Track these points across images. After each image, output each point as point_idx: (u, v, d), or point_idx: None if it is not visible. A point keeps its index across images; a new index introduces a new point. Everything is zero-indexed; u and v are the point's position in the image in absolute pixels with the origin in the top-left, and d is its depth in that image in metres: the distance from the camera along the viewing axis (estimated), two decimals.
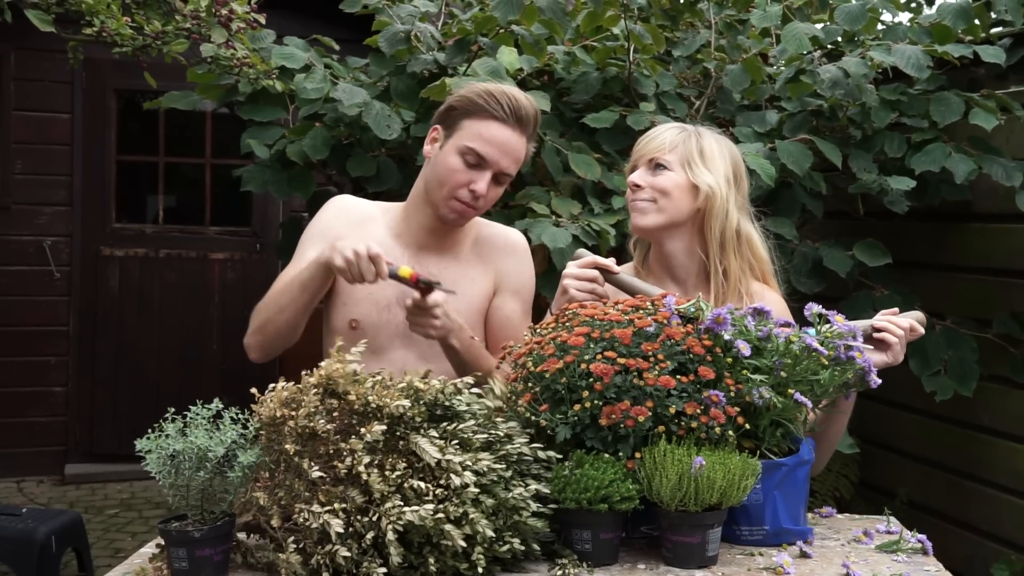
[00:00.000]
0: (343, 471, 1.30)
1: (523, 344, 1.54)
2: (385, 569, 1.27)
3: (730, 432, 1.42)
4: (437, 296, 1.75)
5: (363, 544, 1.28)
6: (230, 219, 5.56)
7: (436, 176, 1.89)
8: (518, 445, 1.40)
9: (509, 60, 2.91)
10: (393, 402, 1.33)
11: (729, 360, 1.46)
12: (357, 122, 2.91)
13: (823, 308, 1.58)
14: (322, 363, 1.39)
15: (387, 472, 1.29)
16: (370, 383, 1.37)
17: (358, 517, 1.28)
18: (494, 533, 1.30)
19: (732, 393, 1.44)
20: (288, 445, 1.32)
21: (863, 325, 1.67)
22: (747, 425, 1.45)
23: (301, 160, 2.96)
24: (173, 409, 1.38)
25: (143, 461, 1.33)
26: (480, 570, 1.29)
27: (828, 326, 1.55)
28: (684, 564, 1.39)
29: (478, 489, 1.30)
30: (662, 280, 1.90)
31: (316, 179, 3.13)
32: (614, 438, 1.41)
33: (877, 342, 1.69)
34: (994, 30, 3.26)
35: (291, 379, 1.41)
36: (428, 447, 1.31)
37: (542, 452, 1.41)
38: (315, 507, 1.28)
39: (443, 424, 1.37)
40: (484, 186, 1.86)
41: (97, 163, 5.29)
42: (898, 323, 1.70)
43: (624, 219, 2.64)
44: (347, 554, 1.26)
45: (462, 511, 1.28)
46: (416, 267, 1.86)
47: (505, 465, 1.36)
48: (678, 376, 1.42)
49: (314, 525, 1.27)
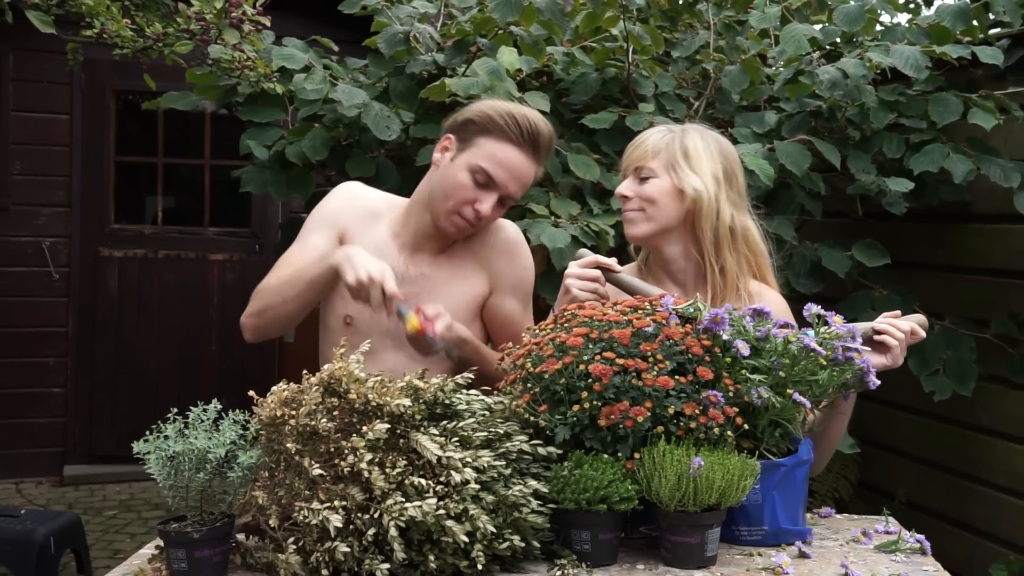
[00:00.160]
0: (344, 469, 1.30)
1: (522, 345, 1.55)
2: (388, 566, 1.27)
3: (729, 432, 1.42)
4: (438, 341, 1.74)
5: (364, 541, 1.28)
6: (229, 220, 5.56)
7: (443, 188, 1.88)
8: (518, 443, 1.40)
9: (508, 60, 2.91)
10: (394, 400, 1.33)
11: (728, 360, 1.46)
12: (356, 123, 2.91)
13: (822, 309, 1.58)
14: (325, 366, 1.39)
15: (388, 470, 1.30)
16: (371, 382, 1.37)
17: (359, 514, 1.28)
18: (495, 530, 1.30)
19: (731, 393, 1.44)
20: (289, 444, 1.32)
21: (864, 327, 1.67)
22: (746, 425, 1.45)
23: (300, 161, 2.96)
24: (175, 410, 1.38)
25: (142, 462, 1.34)
26: (480, 567, 1.29)
27: (827, 327, 1.56)
28: (683, 564, 1.39)
29: (478, 486, 1.30)
30: (663, 282, 1.90)
31: (315, 180, 3.13)
32: (613, 438, 1.41)
33: (877, 344, 1.69)
34: (992, 31, 3.26)
35: (290, 378, 1.42)
36: (429, 444, 1.31)
37: (542, 449, 1.41)
38: (315, 504, 1.28)
39: (443, 422, 1.38)
40: (489, 207, 1.85)
41: (96, 164, 5.29)
42: (899, 326, 1.70)
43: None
44: (346, 550, 1.26)
45: (462, 507, 1.29)
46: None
47: (505, 463, 1.36)
48: (677, 376, 1.42)
49: (313, 522, 1.28)
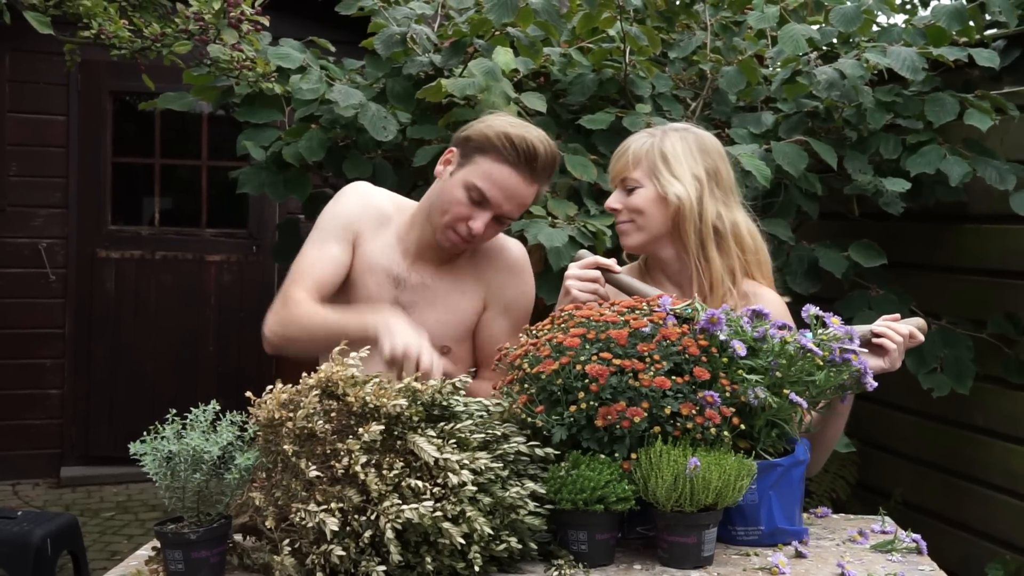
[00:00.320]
0: (340, 471, 1.30)
1: (519, 345, 1.55)
2: (384, 568, 1.27)
3: (725, 433, 1.42)
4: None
5: (360, 543, 1.28)
6: (226, 221, 5.55)
7: (440, 202, 1.90)
8: (515, 444, 1.40)
9: (505, 61, 2.91)
10: (391, 402, 1.33)
11: (725, 360, 1.47)
12: (353, 124, 2.91)
13: (819, 309, 1.58)
14: (322, 366, 1.39)
15: (384, 471, 1.30)
16: (369, 385, 1.37)
17: (355, 516, 1.28)
18: (492, 531, 1.30)
19: (727, 394, 1.44)
20: (286, 446, 1.32)
21: (862, 330, 1.67)
22: (742, 426, 1.45)
23: (297, 162, 2.96)
24: (174, 411, 1.38)
25: (139, 464, 1.33)
26: (477, 569, 1.30)
27: (825, 329, 1.56)
28: (680, 564, 1.39)
29: (476, 488, 1.30)
30: (661, 283, 1.91)
31: (312, 181, 3.13)
32: (610, 439, 1.41)
33: (875, 347, 1.69)
34: (988, 32, 3.27)
35: (287, 380, 1.42)
36: (426, 446, 1.31)
37: (539, 450, 1.41)
38: (311, 506, 1.28)
39: (440, 424, 1.38)
40: (481, 225, 1.86)
41: (93, 165, 5.28)
42: (897, 329, 1.70)
43: None
44: (342, 553, 1.26)
45: (459, 509, 1.29)
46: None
47: (502, 464, 1.36)
48: (674, 377, 1.43)
49: (310, 524, 1.28)
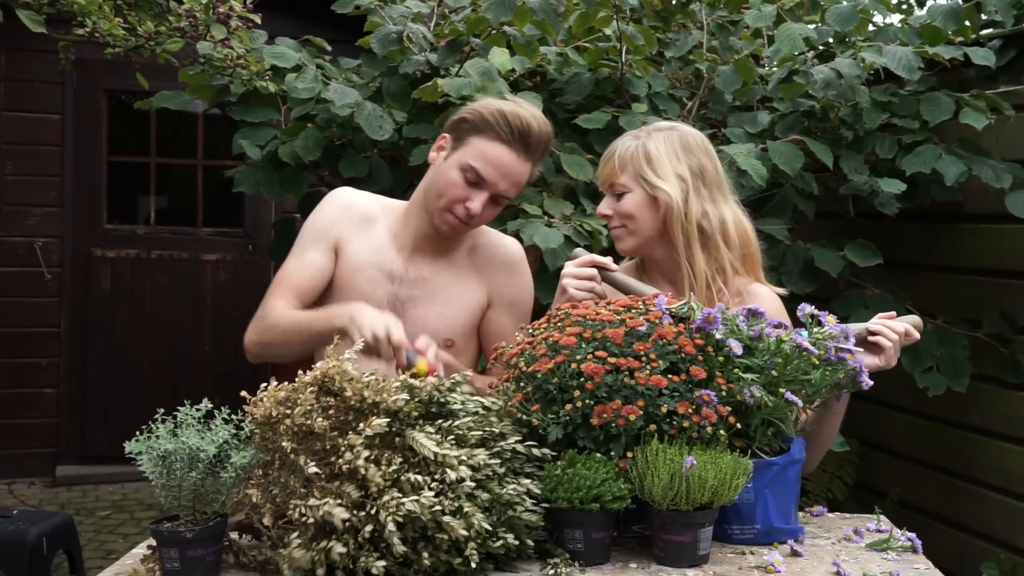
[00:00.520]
0: (340, 467, 1.30)
1: (515, 344, 1.55)
2: (383, 563, 1.27)
3: (721, 431, 1.42)
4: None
5: (360, 539, 1.28)
6: (222, 220, 5.54)
7: (436, 186, 1.90)
8: (512, 443, 1.40)
9: (501, 61, 2.91)
10: (390, 397, 1.33)
11: (721, 359, 1.47)
12: (349, 123, 2.91)
13: (815, 309, 1.58)
14: (317, 363, 1.39)
15: (383, 467, 1.30)
16: (367, 380, 1.37)
17: (355, 511, 1.28)
18: (489, 528, 1.30)
19: (723, 392, 1.44)
20: (284, 443, 1.32)
21: (858, 328, 1.68)
22: (738, 424, 1.45)
23: (293, 161, 2.96)
24: (162, 411, 1.37)
25: (135, 463, 1.33)
26: (473, 565, 1.30)
27: (820, 327, 1.56)
28: (675, 563, 1.40)
29: (474, 484, 1.31)
30: (658, 281, 1.92)
31: (308, 180, 3.13)
32: (606, 437, 1.41)
33: (871, 345, 1.69)
34: (984, 31, 3.27)
35: (282, 379, 1.42)
36: (425, 441, 1.31)
37: (536, 450, 1.41)
38: (312, 501, 1.28)
39: (438, 421, 1.38)
40: (479, 205, 1.86)
41: (88, 164, 5.27)
42: (893, 327, 1.70)
43: None
44: (342, 550, 1.26)
45: (457, 505, 1.29)
46: (427, 358, 1.69)
47: (499, 461, 1.37)
48: (669, 375, 1.43)
49: (311, 520, 1.28)
